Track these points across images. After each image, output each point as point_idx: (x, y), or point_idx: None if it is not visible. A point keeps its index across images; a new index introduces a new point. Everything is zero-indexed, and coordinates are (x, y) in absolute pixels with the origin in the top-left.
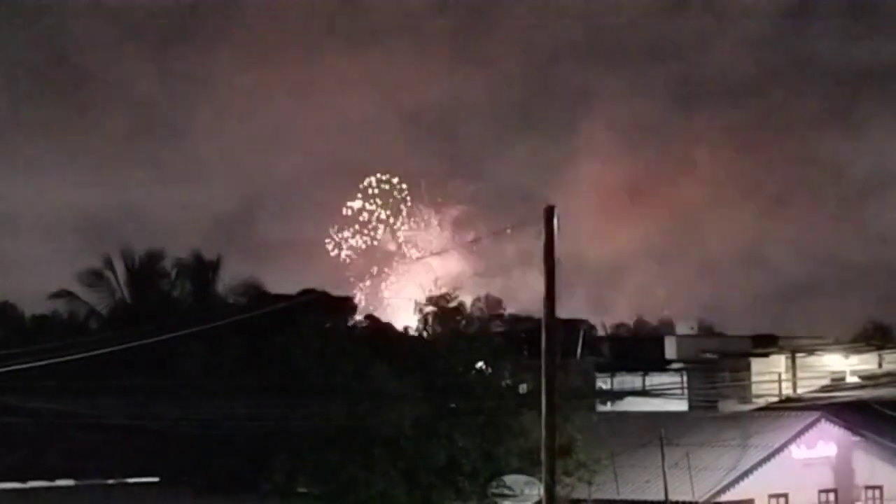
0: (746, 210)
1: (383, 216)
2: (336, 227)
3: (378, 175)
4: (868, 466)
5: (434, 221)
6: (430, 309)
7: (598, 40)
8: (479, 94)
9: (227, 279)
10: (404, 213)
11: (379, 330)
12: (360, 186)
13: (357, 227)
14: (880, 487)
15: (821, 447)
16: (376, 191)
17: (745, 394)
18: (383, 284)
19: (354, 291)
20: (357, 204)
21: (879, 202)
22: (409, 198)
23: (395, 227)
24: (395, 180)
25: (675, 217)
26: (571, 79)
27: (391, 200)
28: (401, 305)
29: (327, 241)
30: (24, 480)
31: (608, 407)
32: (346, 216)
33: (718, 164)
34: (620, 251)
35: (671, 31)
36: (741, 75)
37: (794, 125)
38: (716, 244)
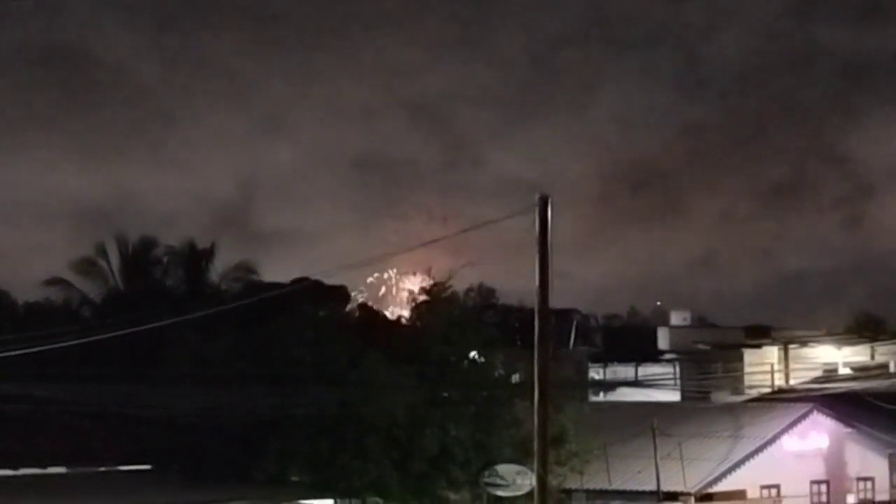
0: (744, 200)
1: None
2: None
3: None
4: (860, 458)
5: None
6: (423, 298)
7: (601, 28)
8: (480, 82)
9: (221, 267)
10: None
11: (372, 319)
12: None
13: None
14: (872, 479)
15: (813, 438)
16: None
17: (737, 385)
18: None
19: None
20: None
21: (878, 195)
22: None
23: None
24: None
25: (675, 208)
26: (575, 66)
27: None
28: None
29: None
30: (15, 467)
31: (601, 397)
32: None
33: (719, 154)
34: (618, 241)
35: (675, 20)
36: (745, 64)
37: (796, 115)
38: (712, 235)
